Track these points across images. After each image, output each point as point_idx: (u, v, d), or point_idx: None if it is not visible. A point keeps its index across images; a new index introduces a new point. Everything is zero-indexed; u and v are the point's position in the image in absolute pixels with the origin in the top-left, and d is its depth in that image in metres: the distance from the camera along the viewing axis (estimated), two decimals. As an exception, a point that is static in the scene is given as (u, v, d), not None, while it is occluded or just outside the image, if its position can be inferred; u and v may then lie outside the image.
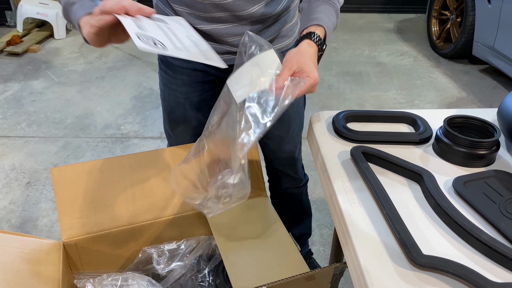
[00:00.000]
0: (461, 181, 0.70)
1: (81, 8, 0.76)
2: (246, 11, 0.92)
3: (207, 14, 0.93)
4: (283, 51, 1.07)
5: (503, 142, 0.83)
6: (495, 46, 2.95)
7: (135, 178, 1.02)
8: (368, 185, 0.70)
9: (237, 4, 0.91)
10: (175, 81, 1.09)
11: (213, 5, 0.91)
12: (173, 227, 1.06)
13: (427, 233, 0.62)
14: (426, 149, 0.81)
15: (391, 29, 4.28)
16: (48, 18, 3.68)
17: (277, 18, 1.00)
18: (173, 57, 1.05)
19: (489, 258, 0.58)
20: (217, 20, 0.94)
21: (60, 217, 0.97)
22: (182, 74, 1.08)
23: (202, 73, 1.07)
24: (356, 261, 0.58)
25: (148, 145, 2.33)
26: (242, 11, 0.92)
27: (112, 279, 0.93)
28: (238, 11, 0.92)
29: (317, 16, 0.84)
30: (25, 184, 2.02)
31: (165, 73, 1.10)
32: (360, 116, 0.89)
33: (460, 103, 2.86)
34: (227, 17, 0.93)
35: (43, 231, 1.75)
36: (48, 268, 0.88)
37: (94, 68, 3.26)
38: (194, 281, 1.00)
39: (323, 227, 1.79)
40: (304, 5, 0.90)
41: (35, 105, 2.71)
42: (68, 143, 2.33)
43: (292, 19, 1.06)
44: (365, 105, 2.81)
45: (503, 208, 0.65)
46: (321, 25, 0.82)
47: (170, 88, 1.11)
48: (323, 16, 0.84)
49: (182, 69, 1.07)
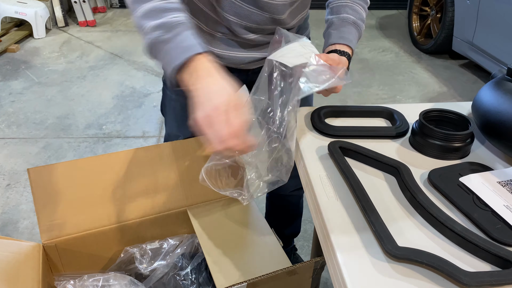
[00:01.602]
0: (437, 173, 0.71)
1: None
2: (289, 24, 0.96)
3: (260, 26, 0.92)
4: None
5: (477, 134, 0.85)
6: (474, 41, 3.00)
7: (115, 178, 1.01)
8: (345, 179, 0.70)
9: (288, 17, 0.93)
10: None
11: (271, 19, 0.91)
12: (155, 226, 1.05)
13: (402, 226, 0.63)
14: (403, 143, 0.82)
15: (373, 25, 4.32)
16: (27, 17, 3.62)
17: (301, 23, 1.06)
18: None
19: (462, 248, 0.59)
20: (264, 30, 0.95)
21: (39, 219, 0.96)
22: None
23: None
24: (333, 254, 0.59)
25: (130, 144, 2.31)
26: (288, 24, 0.95)
27: (93, 280, 0.93)
28: (285, 24, 0.94)
29: (349, 38, 0.91)
30: (5, 186, 1.98)
31: (176, 94, 1.08)
32: (338, 112, 0.90)
33: (441, 98, 2.90)
34: (273, 28, 0.93)
35: (24, 234, 1.72)
36: (28, 270, 0.87)
37: (75, 67, 3.21)
38: (177, 280, 1.00)
39: (307, 222, 1.80)
40: (334, 20, 0.94)
41: (14, 106, 2.67)
42: (49, 144, 2.30)
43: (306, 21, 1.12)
44: (347, 101, 2.83)
45: (477, 199, 0.67)
46: (352, 49, 0.90)
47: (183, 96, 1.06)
48: (353, 40, 0.91)
49: None
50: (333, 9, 0.96)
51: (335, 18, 0.94)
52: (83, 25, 4.11)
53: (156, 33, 0.68)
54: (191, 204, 1.07)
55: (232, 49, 0.97)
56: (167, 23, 0.67)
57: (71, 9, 4.25)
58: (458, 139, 0.76)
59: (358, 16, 0.94)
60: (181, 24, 0.68)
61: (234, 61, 0.99)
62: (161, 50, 0.68)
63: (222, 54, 0.98)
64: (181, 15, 0.70)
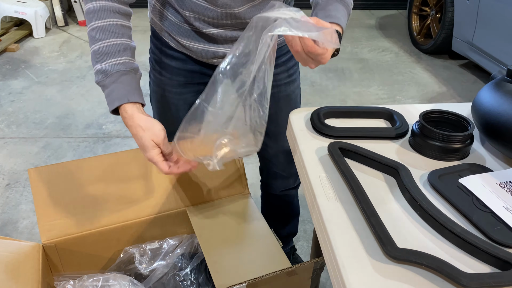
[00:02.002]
0: (436, 174, 0.71)
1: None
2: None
3: (216, 20, 0.93)
4: (283, 45, 1.08)
5: (477, 135, 0.85)
6: (473, 41, 3.01)
7: (115, 178, 1.01)
8: (345, 180, 0.70)
9: (247, 12, 0.92)
10: (170, 82, 1.08)
11: (225, 14, 0.91)
12: (155, 226, 1.05)
13: (402, 227, 0.63)
14: (403, 144, 0.82)
15: (372, 25, 4.32)
16: (27, 16, 3.62)
17: None
18: (169, 58, 1.05)
19: (462, 250, 0.59)
20: (225, 25, 0.95)
21: (39, 219, 0.96)
22: (178, 76, 1.07)
23: (199, 74, 1.07)
24: (332, 255, 0.59)
25: (130, 144, 2.31)
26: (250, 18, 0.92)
27: (93, 280, 0.93)
28: (247, 19, 0.94)
29: (336, 15, 0.84)
30: (5, 186, 1.98)
31: (159, 74, 1.09)
32: (338, 112, 0.90)
33: (440, 98, 2.90)
34: (236, 23, 0.94)
35: (23, 234, 1.72)
36: (27, 270, 0.87)
37: (75, 67, 3.21)
38: (176, 280, 1.00)
39: (307, 222, 1.80)
40: (319, 0, 0.89)
41: (14, 105, 2.67)
42: (48, 144, 2.30)
43: None
44: (347, 101, 2.84)
45: (476, 200, 0.67)
46: (341, 25, 0.84)
47: (164, 89, 1.10)
48: (341, 17, 0.85)
49: (179, 70, 1.06)
50: None
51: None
52: (83, 25, 4.11)
53: (98, 77, 0.83)
54: (190, 204, 1.07)
55: (199, 42, 0.99)
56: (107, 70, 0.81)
57: (71, 9, 4.25)
58: (458, 140, 0.76)
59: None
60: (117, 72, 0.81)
61: (202, 55, 1.00)
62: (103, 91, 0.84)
63: (191, 46, 0.99)
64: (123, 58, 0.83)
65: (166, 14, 0.99)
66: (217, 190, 1.09)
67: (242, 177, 1.11)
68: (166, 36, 1.02)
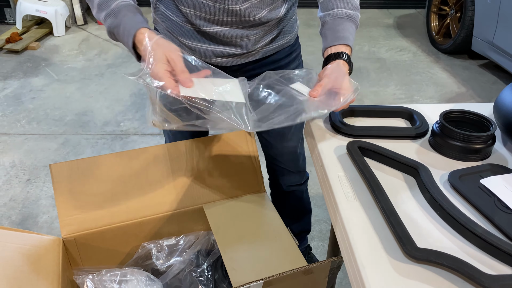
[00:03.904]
0: (457, 175, 0.71)
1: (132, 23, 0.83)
2: (254, 17, 0.94)
3: (215, 17, 0.94)
4: (285, 47, 1.08)
5: (499, 136, 0.83)
6: (494, 41, 2.95)
7: (134, 174, 1.02)
8: (364, 179, 0.70)
9: (248, 10, 0.92)
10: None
11: (224, 10, 0.92)
12: (172, 223, 1.06)
13: (422, 227, 0.62)
14: (422, 144, 0.81)
15: (390, 24, 4.28)
16: (47, 15, 3.68)
17: (280, 19, 1.02)
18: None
19: (483, 251, 0.59)
20: (224, 23, 0.95)
21: (59, 213, 0.98)
22: None
23: None
24: (351, 255, 0.58)
25: (147, 141, 2.33)
26: (251, 16, 0.94)
27: (111, 275, 0.94)
28: (247, 17, 0.94)
29: (344, 35, 0.89)
30: (25, 181, 2.02)
31: None
32: (357, 111, 0.90)
33: (459, 99, 2.86)
34: (235, 20, 0.95)
35: (43, 228, 1.75)
36: (48, 263, 0.89)
37: (94, 65, 3.26)
38: (193, 276, 1.01)
39: (322, 222, 1.80)
40: (327, 19, 0.92)
41: (34, 102, 2.72)
42: (67, 140, 2.34)
43: (292, 17, 1.07)
44: (364, 100, 2.81)
45: (498, 201, 0.66)
46: (349, 45, 0.89)
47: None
48: (350, 36, 0.90)
49: None
50: (323, 5, 0.94)
51: (328, 17, 0.92)
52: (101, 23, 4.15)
53: (108, 21, 0.84)
54: (207, 201, 1.07)
55: (200, 41, 0.99)
56: (113, 10, 0.83)
57: (90, 8, 4.30)
58: (479, 141, 0.75)
59: (351, 6, 0.91)
60: (124, 7, 0.83)
61: (203, 54, 1.01)
62: (117, 34, 0.85)
63: (192, 46, 1.00)
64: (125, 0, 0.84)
65: (167, 14, 1.00)
66: (233, 188, 1.10)
67: (258, 175, 1.11)
68: (168, 36, 1.03)
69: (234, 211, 1.06)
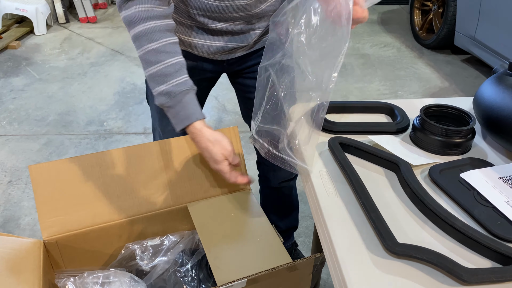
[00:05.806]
0: (437, 169, 0.71)
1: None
2: (259, 8, 0.95)
3: (223, 15, 0.93)
4: None
5: (478, 130, 0.84)
6: (476, 36, 2.99)
7: (116, 174, 1.01)
8: (345, 175, 0.70)
9: (255, 4, 0.92)
10: None
11: (233, 6, 0.91)
12: (156, 223, 1.05)
13: (403, 222, 0.62)
14: (403, 139, 0.81)
15: (374, 20, 4.30)
16: (28, 13, 3.62)
17: None
18: None
19: (463, 245, 0.59)
20: (231, 18, 0.95)
21: (40, 215, 0.96)
22: None
23: (198, 70, 1.07)
24: (332, 251, 0.58)
25: (131, 140, 2.31)
26: (256, 9, 0.94)
27: (94, 277, 0.93)
28: (253, 10, 0.94)
29: None
30: (7, 182, 1.99)
31: None
32: (339, 107, 0.90)
33: (442, 93, 2.89)
34: (243, 16, 0.94)
35: (25, 230, 1.73)
36: (28, 267, 0.87)
37: (76, 64, 3.21)
38: (177, 276, 1.00)
39: (308, 218, 1.80)
40: None
41: (15, 103, 2.67)
42: (50, 141, 2.30)
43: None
44: (349, 96, 2.83)
45: (478, 195, 0.66)
46: None
47: None
48: None
49: None
50: None
51: None
52: (84, 22, 4.10)
53: (160, 99, 0.85)
54: (191, 200, 1.07)
55: (203, 38, 0.98)
56: (169, 92, 0.83)
57: (72, 6, 4.24)
58: (459, 135, 0.75)
59: None
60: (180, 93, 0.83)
61: (206, 50, 1.00)
62: (167, 112, 0.87)
63: (194, 42, 0.99)
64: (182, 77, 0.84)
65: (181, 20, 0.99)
66: (218, 186, 1.09)
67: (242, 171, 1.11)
68: None
69: (218, 210, 1.05)
